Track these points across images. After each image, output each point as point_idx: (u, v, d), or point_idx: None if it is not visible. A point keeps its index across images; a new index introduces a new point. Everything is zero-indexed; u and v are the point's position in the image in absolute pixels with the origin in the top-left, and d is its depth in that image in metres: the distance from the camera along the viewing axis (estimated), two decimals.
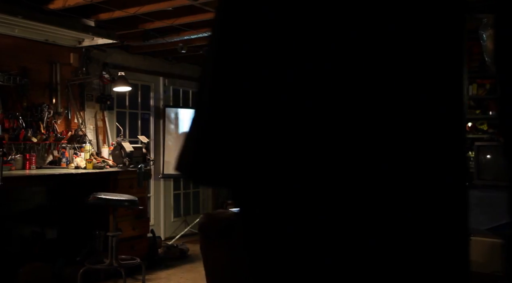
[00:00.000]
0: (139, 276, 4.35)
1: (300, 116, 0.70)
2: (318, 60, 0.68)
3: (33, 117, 4.52)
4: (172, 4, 3.73)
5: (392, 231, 0.60)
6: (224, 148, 0.75)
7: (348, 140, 0.62)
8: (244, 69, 0.74)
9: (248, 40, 0.75)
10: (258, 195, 0.76)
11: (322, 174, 0.66)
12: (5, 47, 4.36)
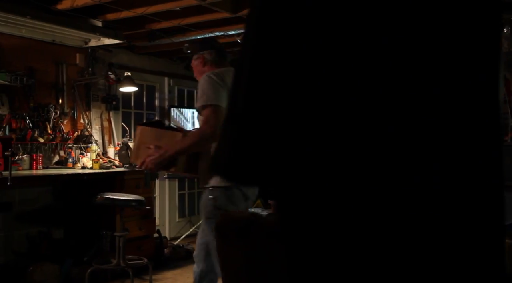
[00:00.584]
0: (146, 276, 4.35)
1: (339, 115, 0.70)
2: (362, 58, 0.68)
3: (40, 117, 4.52)
4: (180, 4, 3.74)
5: (438, 233, 0.60)
6: (260, 148, 0.75)
7: (394, 140, 0.62)
8: (281, 68, 0.74)
9: (285, 40, 0.74)
10: (295, 196, 0.75)
11: (365, 176, 0.65)
12: (12, 47, 4.36)
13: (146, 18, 4.23)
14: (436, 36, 0.66)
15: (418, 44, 0.67)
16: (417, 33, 0.67)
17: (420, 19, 0.67)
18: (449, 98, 0.65)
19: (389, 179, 0.63)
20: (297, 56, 0.76)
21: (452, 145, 0.61)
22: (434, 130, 0.62)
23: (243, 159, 0.78)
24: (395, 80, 0.68)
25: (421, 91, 0.65)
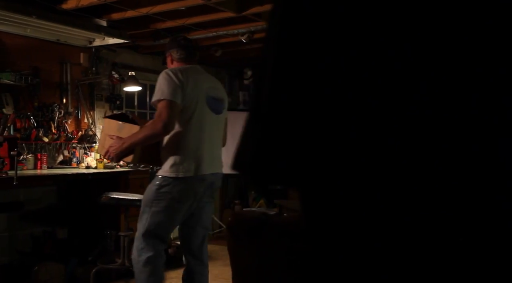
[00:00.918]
0: None
1: (365, 115, 0.70)
2: (384, 60, 0.68)
3: (44, 117, 4.53)
4: (185, 4, 3.74)
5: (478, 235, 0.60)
6: (285, 148, 0.74)
7: (421, 139, 0.62)
8: (305, 67, 0.74)
9: (310, 40, 0.74)
10: (322, 196, 0.75)
11: (392, 175, 0.65)
12: (16, 47, 4.37)
13: (151, 18, 4.23)
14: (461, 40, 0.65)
15: (441, 51, 0.67)
16: (442, 40, 0.66)
17: (446, 28, 0.66)
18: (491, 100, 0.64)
19: (415, 178, 0.63)
20: (321, 56, 0.76)
21: (473, 144, 0.61)
22: (460, 131, 0.61)
23: (268, 158, 0.78)
24: (419, 81, 0.68)
25: (446, 101, 0.64)
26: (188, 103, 2.62)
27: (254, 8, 3.85)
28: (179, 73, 2.61)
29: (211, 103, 2.74)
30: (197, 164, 2.64)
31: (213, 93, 2.78)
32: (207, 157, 2.70)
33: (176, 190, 2.63)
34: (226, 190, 7.04)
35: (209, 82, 2.82)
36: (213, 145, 2.77)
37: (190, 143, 2.65)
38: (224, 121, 2.93)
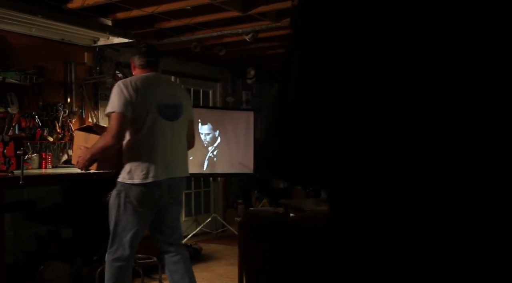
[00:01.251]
0: (154, 275, 4.36)
1: (394, 115, 0.69)
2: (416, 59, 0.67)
3: (49, 116, 4.53)
4: (191, 3, 3.73)
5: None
6: (313, 148, 0.74)
7: (459, 141, 0.61)
8: (332, 67, 0.74)
9: (338, 38, 0.74)
10: (350, 196, 0.75)
11: (423, 177, 0.64)
12: (21, 46, 4.36)
13: (156, 17, 4.22)
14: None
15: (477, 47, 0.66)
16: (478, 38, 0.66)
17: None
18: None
19: (450, 179, 0.63)
20: (349, 55, 0.75)
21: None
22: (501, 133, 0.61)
23: (295, 158, 0.77)
24: (456, 79, 0.67)
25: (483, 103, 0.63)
26: (139, 113, 2.79)
27: (260, 7, 3.85)
28: (130, 85, 2.79)
29: (163, 111, 2.88)
30: (150, 170, 2.81)
31: (166, 100, 2.90)
32: (161, 163, 2.85)
33: (133, 195, 2.84)
34: (229, 190, 7.04)
35: (164, 90, 2.93)
36: (169, 151, 2.91)
37: (143, 151, 2.83)
38: (186, 124, 3.06)
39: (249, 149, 6.48)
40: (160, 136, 2.86)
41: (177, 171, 2.96)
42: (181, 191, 3.11)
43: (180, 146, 3.00)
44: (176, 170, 2.95)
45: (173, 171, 2.92)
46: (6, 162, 3.38)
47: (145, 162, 2.82)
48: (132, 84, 2.79)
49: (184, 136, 3.03)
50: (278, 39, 5.16)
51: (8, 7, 3.37)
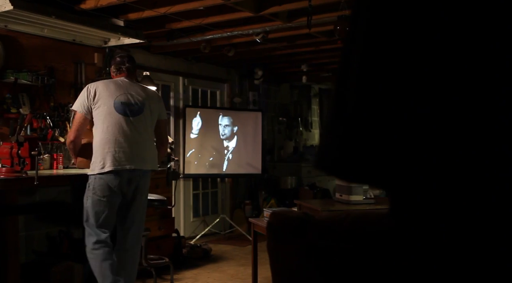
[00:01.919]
0: (166, 275, 4.36)
1: (462, 114, 0.69)
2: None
3: (60, 117, 4.53)
4: (204, 4, 3.73)
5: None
6: (374, 144, 0.74)
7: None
8: (394, 67, 0.73)
9: (400, 36, 0.73)
10: (412, 196, 0.75)
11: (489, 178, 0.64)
12: (33, 47, 4.37)
13: (167, 18, 4.22)
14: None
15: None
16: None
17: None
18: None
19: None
20: (413, 55, 0.75)
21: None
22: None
23: (354, 158, 0.77)
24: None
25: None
26: (98, 111, 3.20)
27: (272, 8, 3.85)
28: (93, 87, 3.25)
29: (119, 108, 3.22)
30: (107, 161, 3.16)
31: (123, 98, 3.25)
32: (118, 155, 3.18)
33: (97, 186, 3.21)
34: (237, 191, 7.04)
35: (125, 90, 3.29)
36: (128, 144, 3.20)
37: (102, 145, 3.19)
38: (151, 121, 3.35)
39: (257, 149, 6.48)
40: (117, 131, 3.19)
41: (136, 163, 3.21)
42: (144, 184, 3.33)
43: (141, 140, 3.26)
44: (134, 162, 3.21)
45: (130, 163, 3.19)
46: (20, 163, 3.39)
47: (104, 154, 3.18)
48: (97, 86, 3.25)
49: (147, 132, 3.31)
50: (287, 39, 5.16)
51: (23, 8, 3.37)
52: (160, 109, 3.44)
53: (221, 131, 6.26)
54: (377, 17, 0.76)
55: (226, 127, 6.29)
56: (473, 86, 0.70)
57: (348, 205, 3.22)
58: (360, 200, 3.25)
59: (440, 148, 0.71)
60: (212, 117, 6.25)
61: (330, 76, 7.47)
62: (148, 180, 3.39)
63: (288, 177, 7.20)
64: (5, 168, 3.40)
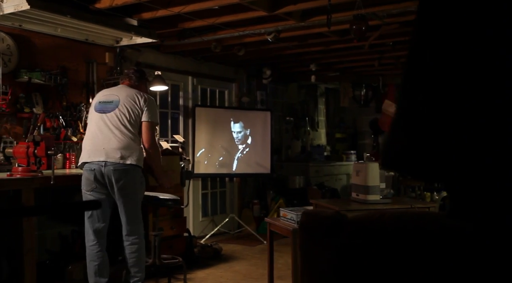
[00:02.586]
0: (178, 275, 4.35)
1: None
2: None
3: (72, 116, 4.53)
4: (219, 3, 3.73)
5: None
6: (438, 146, 0.74)
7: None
8: (464, 70, 0.73)
9: (464, 41, 0.74)
10: (474, 193, 0.75)
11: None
12: (45, 47, 4.37)
13: (180, 17, 4.22)
14: None
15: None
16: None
17: None
18: None
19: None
20: (474, 66, 0.75)
21: None
22: None
23: (421, 157, 0.78)
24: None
25: None
26: (88, 116, 3.64)
27: (287, 7, 3.84)
28: (101, 93, 3.66)
29: (97, 107, 3.50)
30: (83, 156, 3.43)
31: (103, 98, 3.54)
32: (91, 149, 3.38)
33: (83, 181, 3.45)
34: (245, 190, 7.04)
35: (110, 92, 3.61)
36: (102, 138, 3.38)
37: (83, 141, 3.54)
38: (125, 119, 3.42)
39: (266, 149, 6.48)
40: (93, 128, 3.45)
41: (106, 155, 3.33)
42: (123, 178, 3.36)
43: (113, 135, 3.37)
44: (104, 154, 3.33)
45: (99, 155, 3.34)
46: (36, 162, 3.38)
47: (82, 149, 3.51)
48: (97, 94, 3.70)
49: (121, 128, 3.39)
50: (298, 38, 5.16)
51: (40, 8, 3.37)
52: (143, 111, 3.46)
53: (235, 137, 6.28)
54: (447, 22, 0.76)
55: (239, 133, 6.31)
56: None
57: (365, 204, 3.21)
58: (377, 199, 3.24)
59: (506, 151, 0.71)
60: (222, 117, 6.24)
61: (338, 75, 7.47)
62: (129, 176, 3.38)
63: (296, 176, 7.19)
64: (22, 167, 3.40)
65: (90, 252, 3.46)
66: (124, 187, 3.39)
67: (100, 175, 3.36)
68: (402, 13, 3.88)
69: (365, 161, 3.54)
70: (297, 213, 3.15)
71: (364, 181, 3.23)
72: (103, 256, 3.48)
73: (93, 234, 3.45)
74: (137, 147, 3.45)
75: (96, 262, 3.43)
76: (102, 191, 3.42)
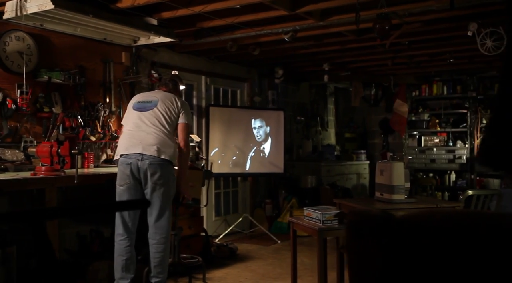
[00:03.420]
0: (197, 274, 4.34)
1: None
2: None
3: (90, 116, 4.53)
4: (240, 2, 3.72)
5: None
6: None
7: None
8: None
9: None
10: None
11: None
12: (64, 46, 4.37)
13: (198, 16, 4.21)
14: None
15: None
16: None
17: None
18: None
19: None
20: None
21: None
22: None
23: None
24: None
25: None
26: (125, 115, 3.76)
27: (308, 6, 3.83)
28: (136, 97, 3.82)
29: (135, 106, 3.66)
30: (119, 151, 3.52)
31: (142, 98, 3.72)
32: (128, 143, 3.48)
33: (118, 175, 3.52)
34: (257, 190, 7.03)
35: (149, 93, 3.84)
36: (138, 133, 3.49)
37: (120, 138, 3.64)
38: (162, 118, 3.56)
39: (279, 148, 6.47)
40: (130, 124, 3.57)
41: (142, 148, 3.43)
42: (157, 173, 3.44)
43: (150, 131, 3.49)
44: (141, 148, 3.43)
45: (136, 148, 3.44)
46: (60, 162, 3.38)
47: (119, 145, 3.57)
48: (134, 97, 3.86)
49: (159, 125, 3.52)
50: (314, 38, 5.14)
51: (64, 7, 3.36)
52: (180, 113, 3.65)
53: (256, 133, 6.29)
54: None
55: (260, 129, 6.30)
56: None
57: (390, 204, 3.21)
58: (402, 199, 3.23)
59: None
60: (235, 116, 6.23)
61: (350, 74, 7.45)
62: (164, 170, 3.47)
63: (308, 176, 7.18)
64: (45, 166, 3.40)
65: (119, 247, 3.49)
66: (159, 181, 3.45)
67: (136, 168, 3.42)
68: (423, 12, 3.87)
69: (389, 160, 3.54)
70: (323, 212, 3.15)
71: (389, 181, 3.22)
72: (131, 251, 3.50)
73: (123, 228, 3.48)
74: (172, 145, 3.56)
75: (124, 257, 3.46)
76: (135, 187, 3.46)
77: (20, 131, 4.00)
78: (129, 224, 3.52)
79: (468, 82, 7.49)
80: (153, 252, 3.54)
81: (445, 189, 7.75)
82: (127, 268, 3.49)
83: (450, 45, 5.34)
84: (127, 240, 3.49)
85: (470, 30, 4.11)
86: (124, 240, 3.50)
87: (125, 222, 3.51)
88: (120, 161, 3.49)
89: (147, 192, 3.47)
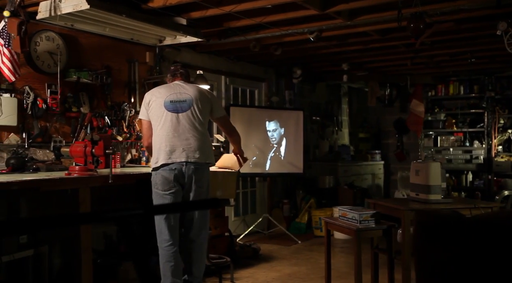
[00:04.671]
0: (224, 274, 4.34)
1: None
2: None
3: (116, 115, 4.53)
4: (272, 2, 3.71)
5: None
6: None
7: None
8: None
9: None
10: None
11: None
12: (91, 46, 4.38)
13: (226, 16, 4.20)
14: None
15: None
16: None
17: None
18: None
19: None
20: None
21: None
22: None
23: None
24: None
25: None
26: (152, 113, 3.48)
27: (339, 5, 3.82)
28: (148, 94, 3.56)
29: (168, 107, 3.44)
30: (160, 156, 3.38)
31: (172, 98, 3.48)
32: (167, 150, 3.37)
33: (156, 180, 3.41)
34: (275, 190, 7.02)
35: (175, 90, 3.52)
36: (176, 139, 3.39)
37: (156, 141, 3.44)
38: (199, 116, 3.47)
39: (298, 148, 6.46)
40: (168, 128, 3.40)
41: (185, 156, 3.37)
42: (200, 176, 3.42)
43: (190, 135, 3.41)
44: (184, 155, 3.37)
45: (180, 156, 3.36)
46: (94, 161, 3.38)
47: (157, 150, 3.42)
48: (148, 94, 3.56)
49: (196, 127, 3.44)
50: (337, 38, 5.13)
51: (98, 7, 3.36)
52: (212, 106, 3.58)
53: (270, 136, 6.27)
54: None
55: (274, 132, 6.29)
56: None
57: (427, 204, 3.19)
58: (439, 199, 3.22)
59: None
60: (255, 116, 6.23)
61: (367, 74, 7.44)
62: (205, 173, 3.47)
63: (326, 176, 7.17)
64: (79, 166, 3.40)
65: (165, 253, 3.40)
66: (202, 185, 3.44)
67: (180, 174, 3.37)
68: (454, 11, 3.85)
69: (425, 160, 3.52)
70: (360, 212, 3.14)
71: (426, 181, 3.21)
72: (178, 257, 3.43)
73: (169, 234, 3.39)
74: (210, 144, 3.57)
75: (172, 263, 3.38)
76: (177, 190, 3.41)
77: (49, 131, 4.00)
78: (174, 229, 3.44)
79: (486, 82, 7.46)
80: (194, 253, 3.50)
81: (462, 190, 7.72)
82: (177, 274, 3.41)
83: (474, 44, 5.32)
84: (173, 246, 3.42)
85: (500, 29, 4.09)
86: (170, 246, 3.41)
87: (171, 227, 3.41)
88: (163, 167, 3.39)
89: (191, 196, 3.44)
